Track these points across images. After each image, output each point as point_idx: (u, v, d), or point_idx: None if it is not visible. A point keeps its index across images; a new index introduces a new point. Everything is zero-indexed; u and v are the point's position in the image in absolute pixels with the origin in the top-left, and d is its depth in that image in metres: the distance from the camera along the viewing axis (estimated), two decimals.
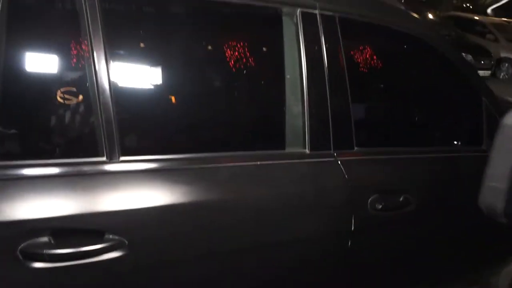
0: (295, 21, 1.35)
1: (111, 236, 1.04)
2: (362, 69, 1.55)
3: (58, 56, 1.11)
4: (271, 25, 1.41)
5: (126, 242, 1.05)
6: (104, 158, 1.07)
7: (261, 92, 1.48)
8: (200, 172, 1.20)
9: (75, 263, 1.00)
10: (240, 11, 1.36)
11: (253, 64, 1.39)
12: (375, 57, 1.56)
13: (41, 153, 1.07)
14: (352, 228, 1.38)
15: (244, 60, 1.34)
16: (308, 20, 1.36)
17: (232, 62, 1.33)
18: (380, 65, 1.60)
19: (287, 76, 1.39)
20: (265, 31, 1.45)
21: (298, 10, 1.34)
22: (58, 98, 1.08)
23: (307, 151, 1.35)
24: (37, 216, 0.97)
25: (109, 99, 1.07)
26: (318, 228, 1.34)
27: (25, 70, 1.08)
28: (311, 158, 1.35)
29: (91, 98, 1.07)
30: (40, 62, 1.09)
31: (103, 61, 1.07)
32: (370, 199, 1.40)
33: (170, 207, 1.11)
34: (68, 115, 1.09)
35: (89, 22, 1.06)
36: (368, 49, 1.55)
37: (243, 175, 1.26)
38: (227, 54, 1.33)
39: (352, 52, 1.52)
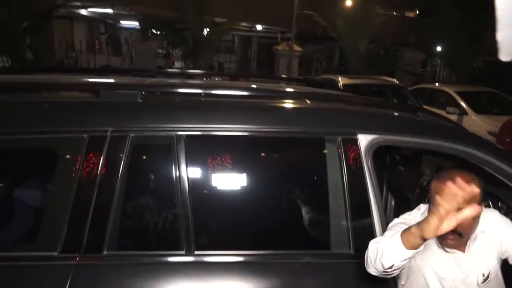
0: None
1: None
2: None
3: (159, 177, 1.64)
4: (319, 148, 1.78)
5: None
6: (183, 252, 1.50)
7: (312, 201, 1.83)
8: (258, 267, 1.54)
9: None
10: (295, 138, 1.77)
11: (307, 178, 1.76)
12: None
13: (143, 246, 1.56)
14: None
15: (297, 178, 1.72)
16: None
17: (288, 179, 1.72)
18: None
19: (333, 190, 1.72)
20: (314, 153, 1.83)
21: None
22: (154, 209, 1.58)
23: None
24: None
25: (188, 209, 1.53)
26: None
27: (145, 189, 1.62)
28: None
29: (176, 209, 1.54)
30: (147, 184, 1.63)
31: (185, 180, 1.55)
32: None
33: None
34: (160, 221, 1.58)
35: (177, 152, 1.56)
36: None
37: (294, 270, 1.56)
38: (284, 172, 1.73)
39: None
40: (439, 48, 16.54)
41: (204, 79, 2.62)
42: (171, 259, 1.50)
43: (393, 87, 8.17)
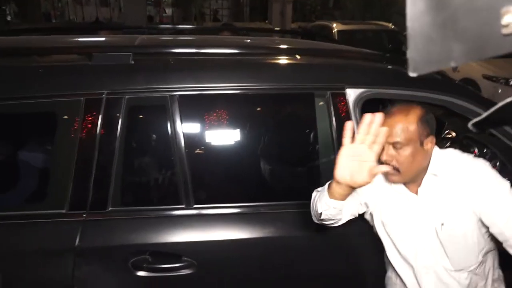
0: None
1: (185, 258, 1.56)
2: None
3: (155, 137, 1.71)
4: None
5: (196, 263, 1.56)
6: (183, 205, 1.61)
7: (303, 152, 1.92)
8: (253, 217, 1.66)
9: (161, 275, 1.54)
10: (285, 94, 1.82)
11: (298, 132, 1.83)
12: None
13: (145, 201, 1.66)
14: None
15: (284, 129, 1.79)
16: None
17: (279, 135, 1.79)
18: None
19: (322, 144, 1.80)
20: (305, 108, 1.89)
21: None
22: (153, 167, 1.67)
23: None
24: (141, 242, 1.54)
25: (185, 166, 1.61)
26: None
27: (143, 148, 1.70)
28: None
29: (174, 166, 1.63)
30: (145, 143, 1.70)
31: (181, 138, 1.63)
32: None
33: (227, 240, 1.60)
34: (160, 178, 1.67)
35: (172, 111, 1.62)
36: None
37: (287, 219, 1.68)
38: (275, 127, 1.80)
39: None
40: None
41: (195, 35, 2.61)
42: (172, 212, 1.62)
43: (389, 32, 8.05)
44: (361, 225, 1.56)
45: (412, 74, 0.34)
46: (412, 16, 0.33)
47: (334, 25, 7.75)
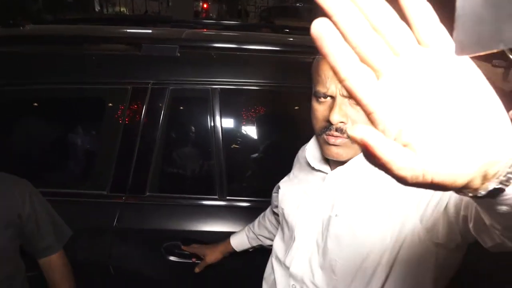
0: None
1: None
2: None
3: (195, 128, 1.77)
4: None
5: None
6: (216, 196, 1.66)
7: None
8: None
9: (190, 261, 1.60)
10: None
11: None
12: None
13: (181, 190, 1.72)
14: None
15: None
16: None
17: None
18: None
19: None
20: None
21: None
22: (191, 157, 1.73)
23: None
24: (175, 228, 1.60)
25: (222, 158, 1.66)
26: None
27: (183, 138, 1.76)
28: None
29: (211, 158, 1.68)
30: (185, 133, 1.76)
31: (219, 131, 1.67)
32: None
33: None
34: (196, 168, 1.73)
35: (213, 104, 1.67)
36: None
37: None
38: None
39: None
40: None
41: (239, 31, 2.65)
42: (205, 202, 1.67)
43: None
44: None
45: (459, 55, 0.33)
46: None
47: None
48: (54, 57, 1.70)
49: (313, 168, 1.07)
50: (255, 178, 1.83)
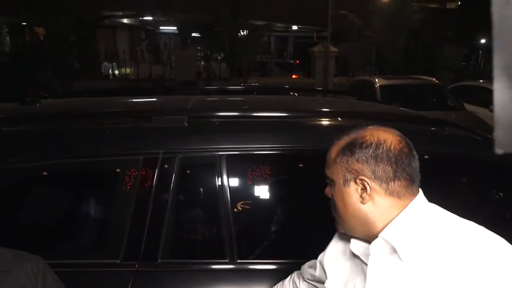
0: None
1: None
2: None
3: (204, 193, 1.84)
4: None
5: None
6: (227, 260, 1.69)
7: None
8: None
9: None
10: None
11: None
12: None
13: (192, 253, 1.76)
14: None
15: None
16: None
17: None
18: None
19: None
20: None
21: None
22: (201, 222, 1.78)
23: None
24: None
25: (231, 221, 1.71)
26: None
27: (193, 203, 1.83)
28: None
29: (220, 221, 1.73)
30: (195, 199, 1.83)
31: (228, 195, 1.74)
32: None
33: None
34: (206, 232, 1.78)
35: (220, 170, 1.75)
36: None
37: None
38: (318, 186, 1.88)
39: None
40: (483, 41, 15.90)
41: (242, 95, 2.81)
42: (216, 266, 1.70)
43: (432, 87, 8.04)
44: None
45: (498, 151, 0.40)
46: (499, 102, 0.40)
47: (376, 80, 7.87)
48: (71, 133, 1.83)
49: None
50: (266, 239, 1.86)
